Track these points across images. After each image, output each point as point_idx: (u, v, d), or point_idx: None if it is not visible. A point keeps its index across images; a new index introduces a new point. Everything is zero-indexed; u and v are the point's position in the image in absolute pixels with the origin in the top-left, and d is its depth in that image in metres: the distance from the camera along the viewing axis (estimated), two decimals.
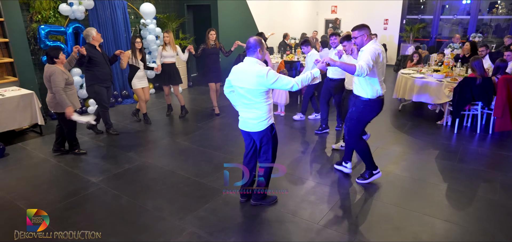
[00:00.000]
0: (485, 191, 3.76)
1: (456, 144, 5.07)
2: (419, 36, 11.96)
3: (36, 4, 6.13)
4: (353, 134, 3.81)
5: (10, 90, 5.45)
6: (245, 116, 3.20)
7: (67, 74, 4.39)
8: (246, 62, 3.09)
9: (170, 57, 6.02)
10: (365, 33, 3.52)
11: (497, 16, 11.26)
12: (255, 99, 3.07)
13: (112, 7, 7.02)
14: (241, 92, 3.12)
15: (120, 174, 4.23)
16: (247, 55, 3.11)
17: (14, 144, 5.16)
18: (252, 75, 2.99)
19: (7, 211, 3.45)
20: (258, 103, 3.09)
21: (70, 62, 4.65)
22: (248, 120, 3.17)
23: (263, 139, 3.23)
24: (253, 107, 3.11)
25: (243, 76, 3.06)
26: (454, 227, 3.15)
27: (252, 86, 3.02)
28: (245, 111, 3.19)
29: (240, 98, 3.18)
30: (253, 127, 3.17)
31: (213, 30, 6.17)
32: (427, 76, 6.30)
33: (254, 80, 2.99)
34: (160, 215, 3.36)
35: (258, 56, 3.06)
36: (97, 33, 5.03)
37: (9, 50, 5.75)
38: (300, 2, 12.20)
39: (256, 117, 3.12)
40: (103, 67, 5.11)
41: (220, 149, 4.95)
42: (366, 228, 3.15)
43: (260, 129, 3.16)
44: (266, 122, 3.15)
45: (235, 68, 3.17)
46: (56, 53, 4.26)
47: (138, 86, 5.78)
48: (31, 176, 4.18)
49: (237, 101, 3.27)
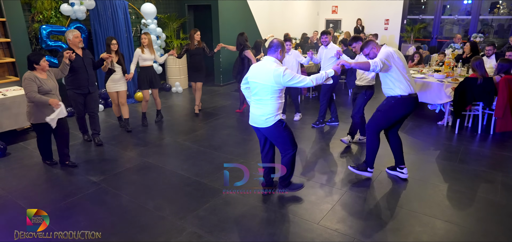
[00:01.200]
0: (486, 191, 3.76)
1: (457, 144, 5.07)
2: (420, 36, 11.95)
3: (38, 4, 6.15)
4: (374, 126, 3.86)
5: (12, 89, 5.47)
6: (254, 112, 3.35)
7: (44, 82, 3.97)
8: (265, 60, 3.25)
9: (149, 60, 5.76)
10: (373, 46, 3.70)
11: (499, 16, 11.23)
12: (267, 96, 3.21)
13: (113, 7, 7.03)
14: (255, 88, 3.27)
15: (120, 174, 4.23)
16: (267, 54, 3.29)
17: (16, 143, 5.17)
18: (269, 73, 3.13)
19: (9, 210, 3.46)
20: (268, 100, 3.22)
21: (63, 70, 4.32)
22: (257, 116, 3.32)
23: (274, 134, 3.36)
24: (263, 104, 3.25)
25: (260, 72, 3.22)
26: (454, 227, 3.15)
27: (268, 82, 3.16)
28: (255, 107, 3.33)
29: (253, 94, 3.34)
30: (260, 123, 3.31)
31: (197, 31, 6.21)
32: (428, 76, 6.29)
33: (271, 78, 3.13)
34: (161, 214, 3.37)
35: (278, 56, 3.24)
36: (75, 37, 4.59)
37: (10, 50, 5.76)
38: (301, 2, 12.20)
39: (263, 113, 3.26)
40: (80, 73, 4.69)
41: (220, 149, 4.95)
42: (367, 228, 3.15)
43: (267, 125, 3.29)
44: (273, 119, 3.26)
45: (254, 65, 3.34)
46: (37, 59, 3.95)
47: (112, 90, 5.46)
48: (32, 175, 4.19)
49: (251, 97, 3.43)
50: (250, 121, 3.44)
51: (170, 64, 8.53)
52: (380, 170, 4.22)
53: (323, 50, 5.48)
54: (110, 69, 5.23)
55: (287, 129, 3.38)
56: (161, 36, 8.08)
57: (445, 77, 6.12)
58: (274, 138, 3.40)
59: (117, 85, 5.46)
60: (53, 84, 4.11)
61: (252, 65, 3.36)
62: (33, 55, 4.00)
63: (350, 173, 4.17)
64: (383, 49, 3.64)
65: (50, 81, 4.07)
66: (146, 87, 5.84)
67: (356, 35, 4.76)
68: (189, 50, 6.25)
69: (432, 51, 10.56)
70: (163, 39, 8.20)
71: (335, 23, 13.56)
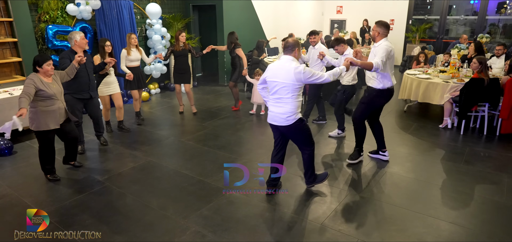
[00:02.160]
0: (492, 193, 3.73)
1: (462, 145, 5.03)
2: (425, 37, 11.87)
3: (44, 4, 6.21)
4: (359, 116, 4.28)
5: (19, 89, 5.53)
6: (275, 111, 3.38)
7: (47, 85, 3.74)
8: (283, 59, 3.32)
9: (136, 61, 5.77)
10: (380, 30, 4.01)
11: (506, 17, 11.13)
12: (287, 95, 3.28)
13: (118, 7, 7.07)
14: (275, 88, 3.32)
15: (125, 173, 4.26)
16: (284, 54, 3.36)
17: (22, 142, 5.22)
18: (290, 71, 3.21)
19: (15, 208, 3.50)
20: (289, 99, 3.29)
21: (70, 73, 4.08)
22: (278, 114, 3.36)
23: (294, 132, 3.43)
24: (283, 102, 3.31)
25: (280, 72, 3.28)
26: (459, 229, 3.13)
27: (289, 81, 3.23)
28: (275, 106, 3.37)
29: (272, 93, 3.39)
30: (281, 121, 3.36)
31: (184, 32, 6.18)
32: (433, 77, 6.26)
33: (292, 76, 3.21)
34: (164, 213, 3.38)
35: (295, 55, 3.33)
36: (82, 38, 4.38)
37: (17, 50, 5.83)
38: (306, 3, 12.18)
39: (285, 112, 3.32)
40: (81, 77, 4.43)
41: (224, 148, 4.96)
42: (370, 229, 3.14)
43: (288, 123, 3.35)
44: (294, 117, 3.34)
45: (271, 65, 3.40)
46: (41, 61, 3.70)
47: (105, 93, 5.25)
48: (38, 174, 4.22)
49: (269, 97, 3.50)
50: (269, 120, 3.48)
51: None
52: (385, 171, 4.21)
53: (311, 50, 5.62)
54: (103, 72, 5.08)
55: (306, 127, 3.49)
56: (166, 36, 8.12)
57: (450, 78, 6.08)
58: (294, 136, 3.49)
59: (110, 88, 5.30)
60: (58, 89, 3.86)
61: (269, 66, 3.41)
62: (39, 56, 3.78)
63: (354, 173, 4.16)
64: (384, 46, 3.88)
65: (54, 85, 3.83)
66: (134, 87, 5.82)
67: (339, 38, 5.05)
68: (174, 52, 6.16)
69: (437, 52, 10.50)
70: (168, 39, 8.23)
71: (340, 23, 13.53)
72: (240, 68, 6.44)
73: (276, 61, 3.41)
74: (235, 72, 6.52)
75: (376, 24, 4.08)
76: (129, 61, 5.71)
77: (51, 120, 3.82)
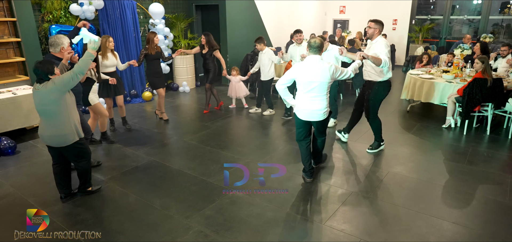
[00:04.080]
0: (495, 193, 3.71)
1: (465, 145, 5.01)
2: (428, 37, 11.83)
3: (48, 4, 6.23)
4: (372, 113, 4.60)
5: (22, 88, 5.56)
6: (312, 107, 3.64)
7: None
8: (314, 60, 3.55)
9: (112, 66, 5.25)
10: (378, 28, 4.30)
11: (509, 16, 11.07)
12: (324, 91, 3.60)
13: (121, 7, 7.09)
14: (310, 87, 3.56)
15: (128, 173, 4.27)
16: (312, 54, 3.56)
17: (25, 141, 5.25)
18: (325, 70, 3.52)
19: (18, 208, 3.52)
20: (325, 95, 3.63)
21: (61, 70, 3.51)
22: (315, 111, 3.65)
23: (325, 123, 3.84)
24: (321, 99, 3.61)
25: (315, 72, 3.52)
26: (462, 229, 3.12)
27: (325, 79, 3.54)
28: (311, 103, 3.63)
29: (306, 92, 3.61)
30: (319, 116, 3.68)
31: (156, 34, 5.74)
32: (436, 77, 6.24)
33: (328, 74, 3.53)
34: (167, 213, 3.39)
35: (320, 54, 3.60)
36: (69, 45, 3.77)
37: (21, 50, 5.86)
38: (309, 2, 12.17)
39: (322, 107, 3.65)
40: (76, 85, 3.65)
41: (227, 148, 4.97)
42: (373, 229, 3.14)
43: (324, 117, 3.72)
44: (328, 110, 3.74)
45: (299, 66, 3.60)
46: (51, 67, 3.19)
47: (97, 101, 4.77)
48: (41, 173, 4.25)
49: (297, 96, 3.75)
50: (303, 117, 3.72)
51: (178, 64, 8.58)
52: (387, 171, 4.20)
53: (296, 47, 5.94)
54: (89, 79, 4.56)
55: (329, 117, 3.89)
56: (168, 36, 8.14)
57: (453, 78, 6.05)
58: (323, 126, 3.86)
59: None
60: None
61: (298, 67, 3.58)
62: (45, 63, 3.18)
63: (356, 173, 4.16)
64: (383, 42, 4.22)
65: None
66: (110, 95, 5.31)
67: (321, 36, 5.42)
68: (148, 55, 5.72)
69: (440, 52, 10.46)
70: (171, 39, 8.25)
71: (343, 23, 13.51)
72: (215, 70, 6.39)
73: (304, 62, 3.60)
74: (209, 74, 6.38)
75: (373, 22, 4.32)
76: (105, 67, 5.14)
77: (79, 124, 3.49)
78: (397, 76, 10.16)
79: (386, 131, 5.54)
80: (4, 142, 4.75)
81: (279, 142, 5.25)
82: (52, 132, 3.27)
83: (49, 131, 3.28)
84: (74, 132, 3.35)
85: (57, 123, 3.24)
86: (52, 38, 3.75)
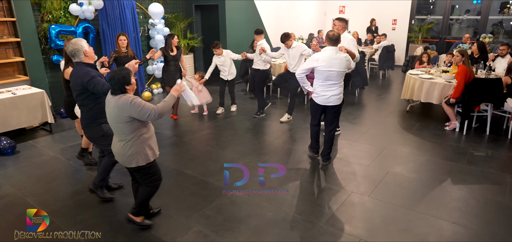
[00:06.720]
0: (495, 193, 3.71)
1: (464, 145, 5.01)
2: (428, 37, 11.84)
3: (47, 4, 6.23)
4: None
5: (22, 88, 5.55)
6: (330, 93, 4.05)
7: None
8: (332, 51, 3.95)
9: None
10: (344, 26, 4.83)
11: (509, 17, 11.08)
12: (340, 79, 4.05)
13: (121, 7, 7.09)
14: (330, 75, 3.97)
15: (127, 172, 4.25)
16: (331, 45, 3.96)
17: (25, 141, 5.25)
18: (342, 61, 3.98)
19: (17, 208, 3.51)
20: (341, 83, 4.07)
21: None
22: (332, 97, 4.06)
23: (339, 109, 4.23)
24: (338, 86, 4.05)
25: (334, 62, 3.95)
26: (462, 229, 3.12)
27: (342, 69, 3.99)
28: (331, 90, 4.04)
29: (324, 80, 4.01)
30: (336, 101, 4.11)
31: (124, 34, 5.37)
32: (436, 77, 6.24)
33: (344, 64, 4.00)
34: (167, 213, 3.39)
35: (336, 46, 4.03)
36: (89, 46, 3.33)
37: (20, 50, 5.85)
38: (308, 2, 12.17)
39: (339, 93, 4.09)
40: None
41: (226, 148, 4.97)
42: (373, 229, 3.14)
43: (340, 102, 4.15)
44: (342, 96, 4.18)
45: (321, 56, 3.97)
46: (129, 78, 2.75)
47: None
48: (41, 173, 4.25)
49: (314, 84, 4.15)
50: (322, 102, 4.11)
51: None
52: (387, 171, 4.20)
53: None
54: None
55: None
56: None
57: (453, 78, 6.05)
58: (338, 112, 4.25)
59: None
60: None
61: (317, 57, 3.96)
62: (122, 75, 2.72)
63: (356, 173, 4.16)
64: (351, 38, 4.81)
65: None
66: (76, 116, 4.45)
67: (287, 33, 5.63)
68: (118, 58, 5.31)
69: (440, 52, 10.46)
70: None
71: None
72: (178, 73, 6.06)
73: (323, 52, 3.98)
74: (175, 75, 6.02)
75: (338, 20, 4.73)
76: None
77: (154, 144, 3.13)
78: (397, 76, 10.17)
79: (386, 131, 5.55)
80: (3, 142, 4.75)
81: (279, 142, 5.25)
82: None
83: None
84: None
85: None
86: (70, 48, 3.19)
